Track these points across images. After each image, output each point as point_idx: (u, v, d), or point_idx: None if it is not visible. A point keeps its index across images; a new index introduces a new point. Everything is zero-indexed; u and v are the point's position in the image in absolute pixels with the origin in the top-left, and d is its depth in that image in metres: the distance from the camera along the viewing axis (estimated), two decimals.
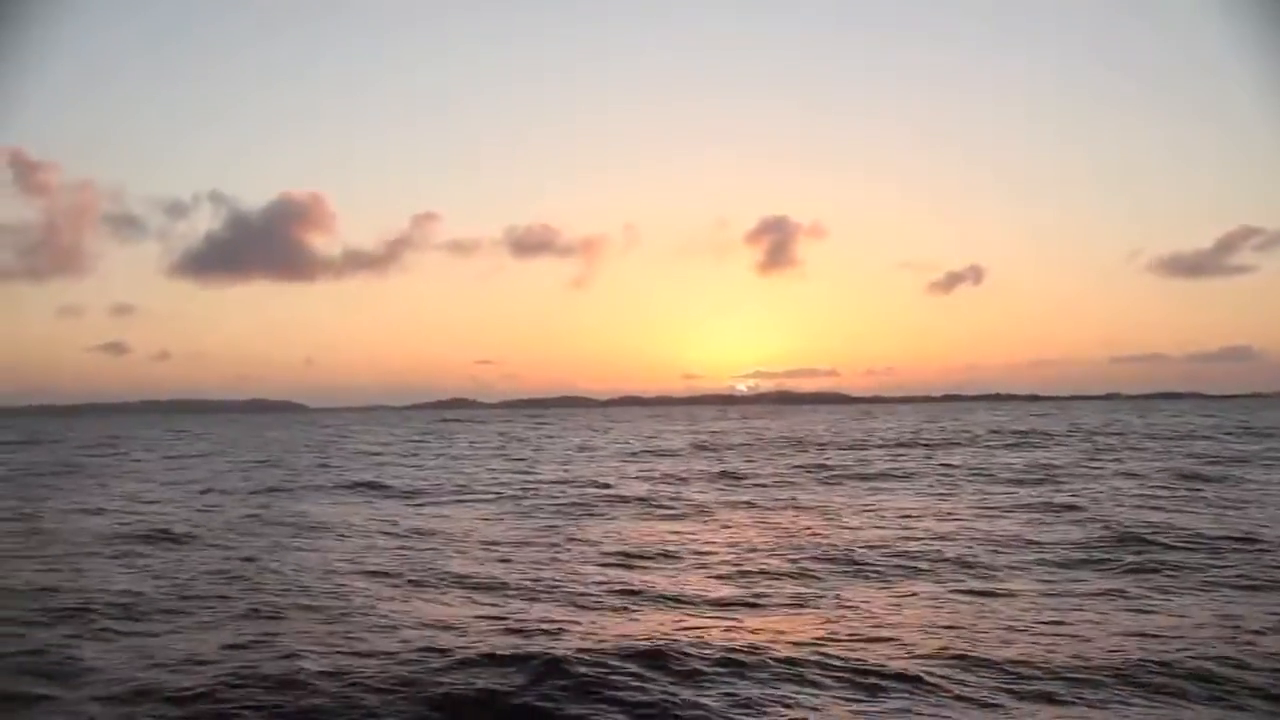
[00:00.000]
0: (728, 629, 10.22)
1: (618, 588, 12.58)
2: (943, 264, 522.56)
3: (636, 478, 29.78)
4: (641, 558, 15.06)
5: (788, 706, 7.78)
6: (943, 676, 8.45)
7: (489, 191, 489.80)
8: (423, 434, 71.95)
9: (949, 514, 19.63)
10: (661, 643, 9.32)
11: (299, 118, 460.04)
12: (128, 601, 11.92)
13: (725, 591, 12.39)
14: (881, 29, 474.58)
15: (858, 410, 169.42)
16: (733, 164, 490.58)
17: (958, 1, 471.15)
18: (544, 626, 10.26)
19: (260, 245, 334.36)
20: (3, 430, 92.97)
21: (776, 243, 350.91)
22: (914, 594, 12.13)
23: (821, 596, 12.05)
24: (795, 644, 9.50)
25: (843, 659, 8.97)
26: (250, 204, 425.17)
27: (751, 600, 11.85)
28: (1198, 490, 22.78)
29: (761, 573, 13.58)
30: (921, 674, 8.45)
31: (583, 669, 8.50)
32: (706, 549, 15.84)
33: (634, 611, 11.24)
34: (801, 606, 11.53)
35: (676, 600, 11.90)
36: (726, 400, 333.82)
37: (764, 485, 26.91)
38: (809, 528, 17.96)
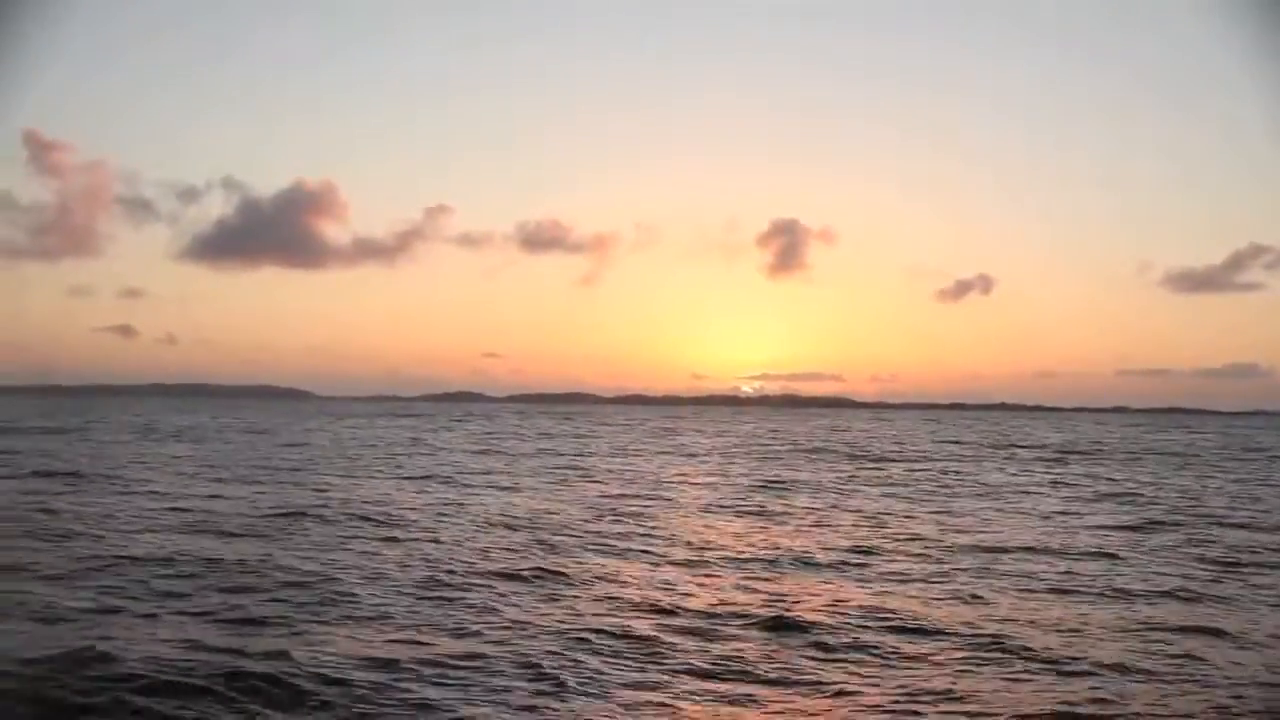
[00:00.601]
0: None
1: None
2: (952, 272, 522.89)
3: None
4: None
5: None
6: None
7: (501, 186, 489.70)
8: (488, 431, 72.16)
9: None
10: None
11: (314, 105, 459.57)
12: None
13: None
14: (897, 36, 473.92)
15: (869, 415, 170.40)
16: (746, 165, 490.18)
17: (972, 11, 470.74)
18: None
19: (271, 232, 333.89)
20: (21, 411, 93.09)
21: (787, 246, 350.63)
22: None
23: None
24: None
25: None
26: (263, 190, 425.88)
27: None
28: None
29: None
30: None
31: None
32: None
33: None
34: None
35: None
36: (732, 402, 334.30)
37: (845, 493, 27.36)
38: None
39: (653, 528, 19.57)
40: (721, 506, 24.02)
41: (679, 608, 12.05)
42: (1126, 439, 69.36)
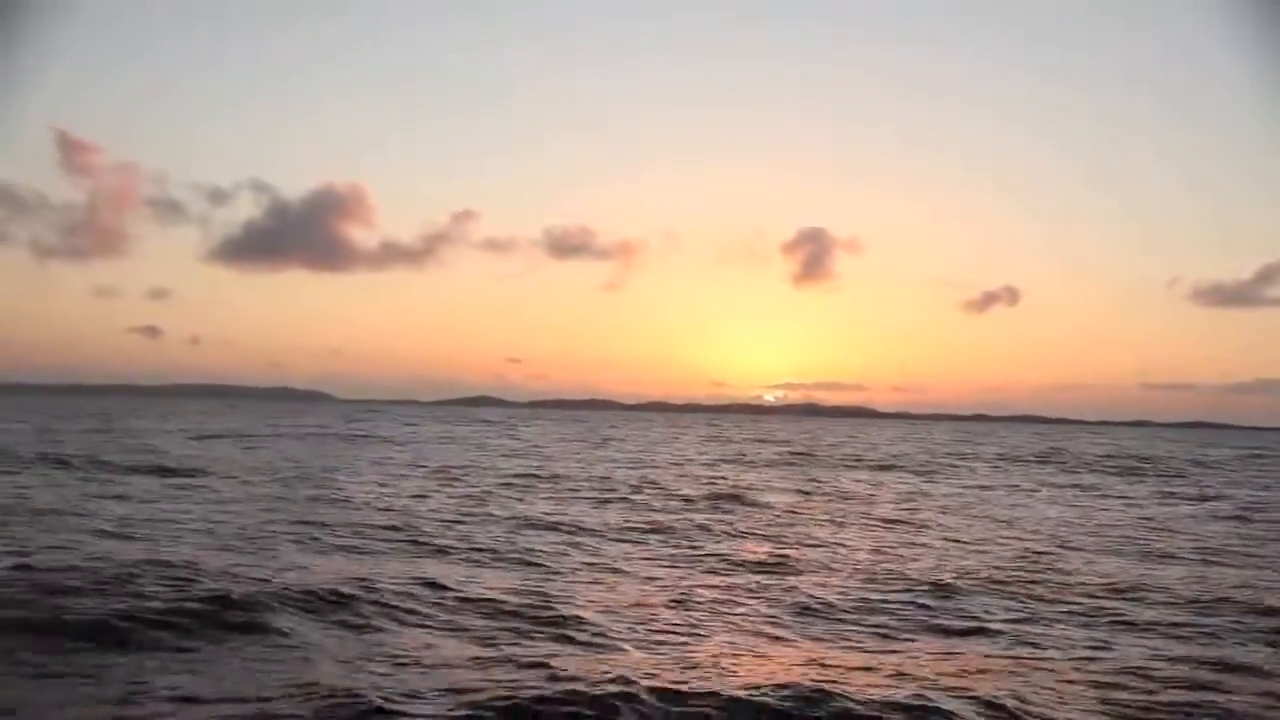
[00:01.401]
0: None
1: None
2: (978, 283, 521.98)
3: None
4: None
5: None
6: None
7: (529, 191, 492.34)
8: (587, 437, 72.03)
9: None
10: None
11: (344, 108, 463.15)
12: None
13: None
14: (927, 50, 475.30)
15: (896, 425, 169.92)
16: (774, 174, 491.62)
17: (1002, 25, 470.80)
18: None
19: (299, 234, 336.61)
20: (57, 411, 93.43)
21: (813, 254, 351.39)
22: None
23: None
24: None
25: None
26: (291, 193, 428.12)
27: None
28: None
29: None
30: None
31: None
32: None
33: None
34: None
35: None
36: (753, 410, 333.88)
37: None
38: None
39: None
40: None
41: None
42: (1173, 450, 68.83)
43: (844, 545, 16.60)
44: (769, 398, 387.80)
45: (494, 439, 56.23)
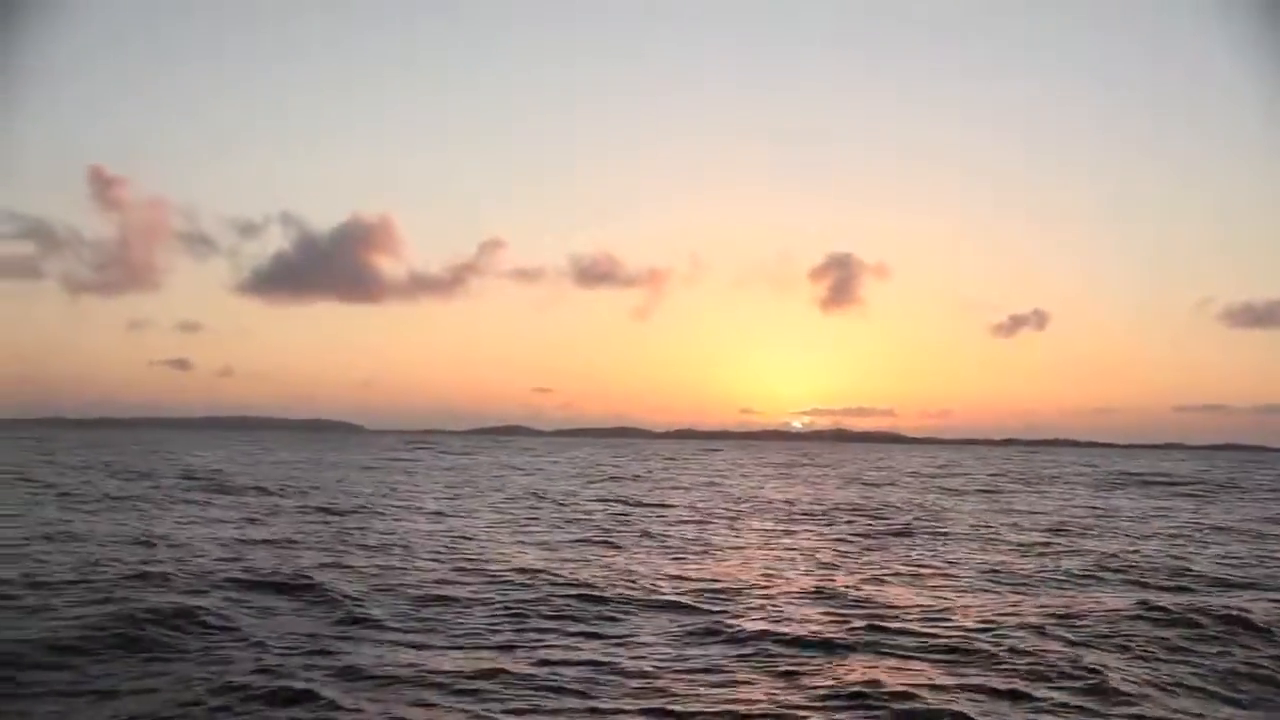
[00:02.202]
0: None
1: None
2: (1007, 307, 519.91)
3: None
4: None
5: None
6: None
7: (556, 219, 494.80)
8: (664, 461, 73.40)
9: None
10: None
11: (373, 139, 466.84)
12: None
13: None
14: (954, 71, 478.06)
15: (943, 450, 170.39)
16: (801, 199, 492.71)
17: (1029, 48, 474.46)
18: None
19: (327, 266, 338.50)
20: (95, 443, 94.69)
21: (840, 280, 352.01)
22: None
23: None
24: None
25: None
26: (320, 225, 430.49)
27: None
28: None
29: None
30: None
31: None
32: None
33: None
34: None
35: None
36: (783, 436, 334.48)
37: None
38: None
39: None
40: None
41: None
42: (1236, 473, 69.63)
43: None
44: (797, 424, 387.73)
45: (621, 467, 57.41)
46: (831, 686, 9.43)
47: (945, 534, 23.19)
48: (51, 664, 9.75)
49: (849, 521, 26.07)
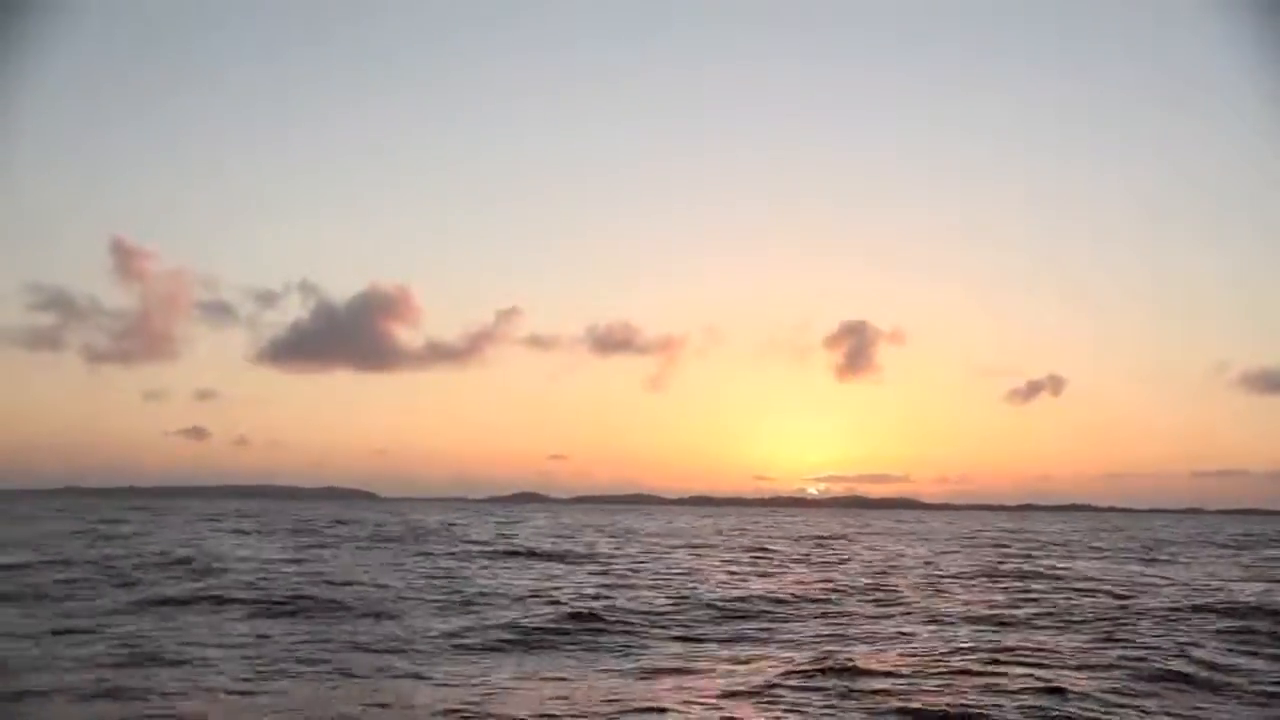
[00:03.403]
0: None
1: None
2: (1023, 372, 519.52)
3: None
4: None
5: None
6: None
7: (572, 287, 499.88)
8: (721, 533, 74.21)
9: None
10: None
11: (392, 207, 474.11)
12: None
13: None
14: (965, 135, 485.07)
15: (966, 517, 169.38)
16: (815, 266, 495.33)
17: (1036, 109, 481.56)
18: None
19: (345, 335, 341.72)
20: (118, 509, 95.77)
21: (856, 347, 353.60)
22: None
23: None
24: None
25: None
26: (338, 293, 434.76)
27: None
28: None
29: None
30: None
31: None
32: None
33: None
34: None
35: None
36: (797, 503, 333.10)
37: None
38: None
39: None
40: None
41: None
42: None
43: None
44: (813, 490, 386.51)
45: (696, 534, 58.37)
46: None
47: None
48: None
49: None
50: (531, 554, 36.88)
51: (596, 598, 22.59)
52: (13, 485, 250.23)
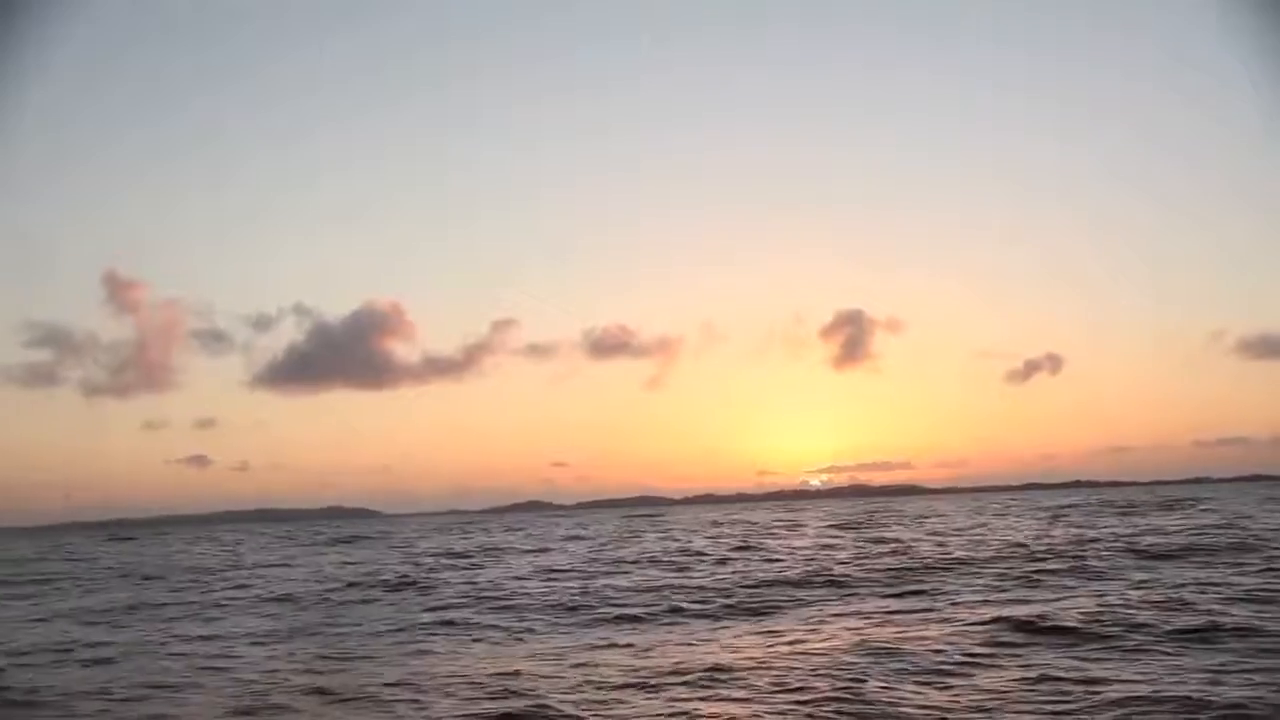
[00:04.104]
0: None
1: None
2: (1020, 353, 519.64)
3: None
4: None
5: None
6: None
7: (567, 294, 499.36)
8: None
9: None
10: None
11: (383, 225, 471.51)
12: None
13: None
14: (955, 122, 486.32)
15: (976, 499, 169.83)
16: (809, 259, 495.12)
17: (1025, 90, 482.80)
18: None
19: (340, 355, 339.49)
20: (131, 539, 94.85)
21: (852, 337, 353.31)
22: None
23: None
24: None
25: None
26: (332, 313, 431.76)
27: None
28: None
29: None
30: None
31: None
32: None
33: None
34: None
35: None
36: (800, 495, 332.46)
37: None
38: None
39: None
40: None
41: None
42: None
43: None
44: (815, 482, 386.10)
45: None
46: None
47: None
48: None
49: None
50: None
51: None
52: (11, 524, 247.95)
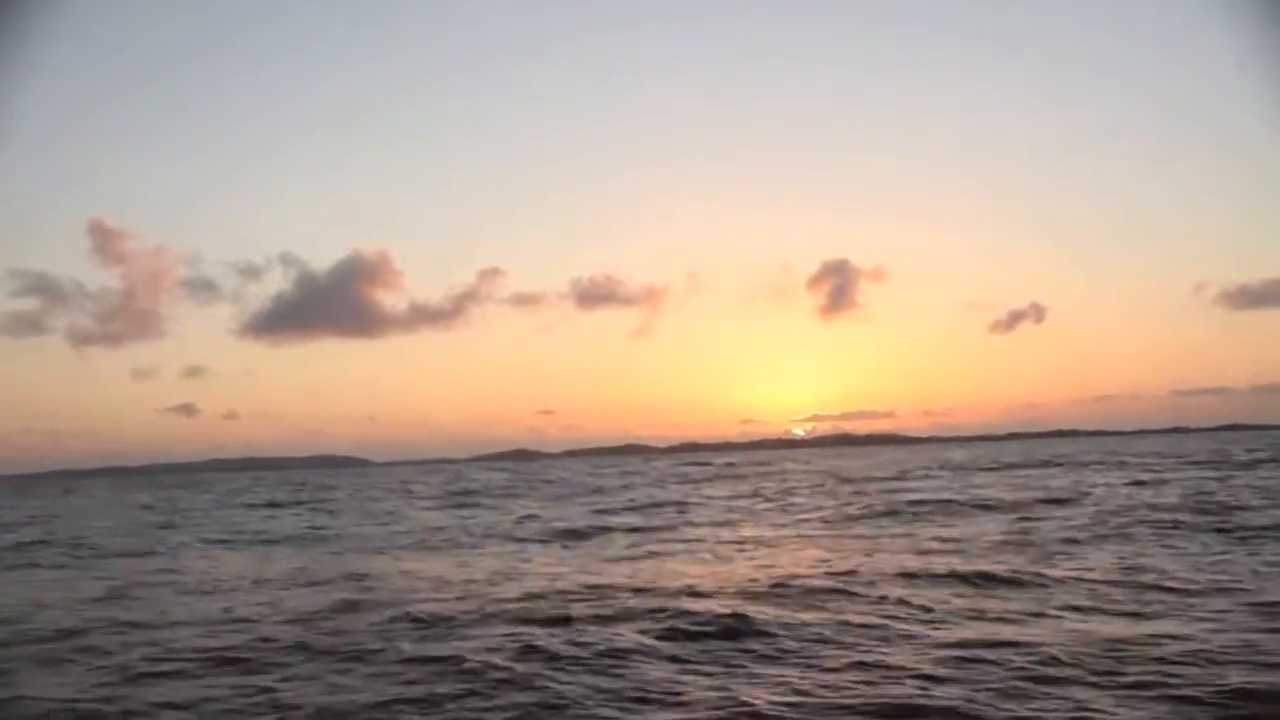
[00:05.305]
0: None
1: None
2: (1004, 303, 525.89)
3: None
4: None
5: None
6: None
7: (554, 244, 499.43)
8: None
9: None
10: None
11: (369, 175, 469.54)
12: None
13: None
14: (943, 75, 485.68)
15: (970, 448, 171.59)
16: (795, 208, 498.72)
17: (1013, 47, 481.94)
18: None
19: (328, 304, 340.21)
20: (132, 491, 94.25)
21: (837, 286, 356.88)
22: None
23: None
24: None
25: None
26: (320, 263, 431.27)
27: None
28: None
29: None
30: None
31: None
32: None
33: None
34: None
35: None
36: (784, 444, 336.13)
37: None
38: None
39: None
40: None
41: None
42: None
43: None
44: (799, 431, 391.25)
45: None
46: None
47: None
48: None
49: None
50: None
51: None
52: (2, 471, 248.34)
